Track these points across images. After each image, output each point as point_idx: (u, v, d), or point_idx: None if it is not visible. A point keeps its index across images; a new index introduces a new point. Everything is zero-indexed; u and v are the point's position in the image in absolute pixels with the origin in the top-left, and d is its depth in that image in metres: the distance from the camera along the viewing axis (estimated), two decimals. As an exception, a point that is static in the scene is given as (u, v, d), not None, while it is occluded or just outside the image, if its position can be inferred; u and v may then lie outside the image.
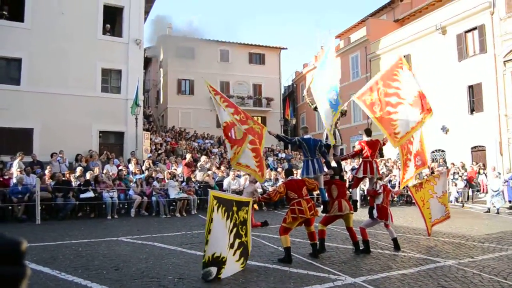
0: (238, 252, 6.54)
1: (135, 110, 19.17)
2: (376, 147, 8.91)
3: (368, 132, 9.51)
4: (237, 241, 6.54)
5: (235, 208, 6.54)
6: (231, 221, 6.38)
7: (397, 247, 8.37)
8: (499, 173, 17.47)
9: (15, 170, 13.55)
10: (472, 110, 22.81)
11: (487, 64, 21.63)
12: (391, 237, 8.53)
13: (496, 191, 15.38)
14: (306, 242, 8.29)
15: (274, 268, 6.77)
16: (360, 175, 8.92)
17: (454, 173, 19.70)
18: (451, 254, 8.00)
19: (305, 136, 8.79)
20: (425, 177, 10.53)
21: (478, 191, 19.79)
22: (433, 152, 25.26)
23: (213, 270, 5.90)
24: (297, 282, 5.99)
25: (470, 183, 19.23)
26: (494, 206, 15.30)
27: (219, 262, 5.97)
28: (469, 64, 22.79)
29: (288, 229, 7.44)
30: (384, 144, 9.29)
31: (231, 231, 6.40)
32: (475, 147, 22.71)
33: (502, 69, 20.84)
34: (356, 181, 9.51)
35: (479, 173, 20.14)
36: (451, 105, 23.52)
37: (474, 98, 22.71)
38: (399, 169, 18.54)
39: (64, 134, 18.80)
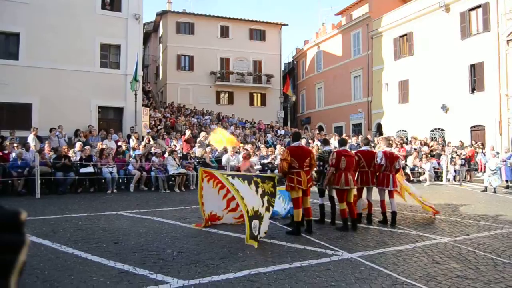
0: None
1: (134, 86, 19.09)
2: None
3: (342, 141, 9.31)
4: (270, 207, 7.37)
5: (258, 179, 7.44)
6: (256, 187, 7.23)
7: (393, 222, 8.49)
8: (498, 153, 17.51)
9: (31, 144, 14.08)
10: (473, 89, 22.72)
11: (490, 43, 21.45)
12: (391, 210, 8.63)
13: (493, 170, 15.43)
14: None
15: (272, 243, 6.85)
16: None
17: (452, 151, 19.75)
18: (446, 232, 8.08)
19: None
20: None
21: (476, 170, 19.86)
22: (432, 131, 25.29)
23: (256, 223, 6.71)
24: (294, 256, 6.07)
25: (468, 162, 19.29)
26: (491, 185, 15.38)
27: (258, 216, 6.82)
28: (472, 43, 22.60)
29: (297, 200, 7.44)
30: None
31: (263, 195, 7.25)
32: (474, 126, 22.71)
33: (505, 48, 20.66)
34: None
35: (477, 152, 20.18)
36: (452, 84, 23.44)
37: (476, 77, 22.60)
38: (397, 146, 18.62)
39: (63, 109, 18.78)
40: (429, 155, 19.41)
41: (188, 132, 17.98)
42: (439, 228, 8.48)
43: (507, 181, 16.47)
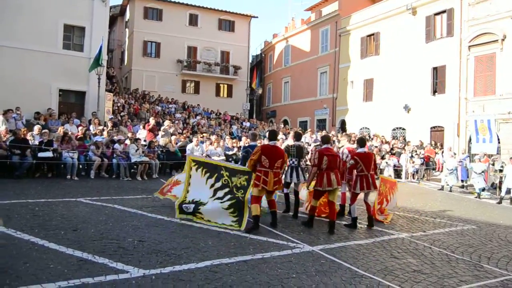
0: (228, 204, 7.38)
1: (95, 68, 18.50)
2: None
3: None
4: (228, 196, 7.45)
5: (225, 173, 7.59)
6: (216, 180, 7.61)
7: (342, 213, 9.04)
8: (455, 153, 18.19)
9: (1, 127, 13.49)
10: (434, 91, 23.42)
11: (453, 48, 22.11)
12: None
13: (450, 170, 16.00)
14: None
15: (234, 234, 6.85)
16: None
17: (412, 151, 20.32)
18: (404, 228, 8.33)
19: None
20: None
21: (433, 169, 20.52)
22: (394, 129, 25.91)
23: (191, 206, 7.51)
24: (256, 248, 6.11)
25: (426, 161, 19.90)
26: (448, 184, 15.95)
27: (198, 204, 7.53)
28: (436, 46, 23.24)
29: (257, 197, 7.25)
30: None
31: (214, 186, 7.60)
32: (434, 127, 23.45)
33: (466, 53, 21.37)
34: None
35: (437, 152, 20.84)
36: (415, 85, 24.07)
37: (438, 80, 23.30)
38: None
39: (21, 91, 18.03)
40: (390, 153, 19.91)
41: (152, 120, 17.69)
42: (397, 224, 8.72)
43: (462, 181, 17.13)
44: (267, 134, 7.90)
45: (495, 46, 20.11)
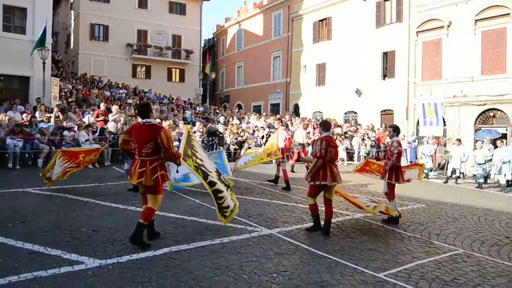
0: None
1: (35, 51, 17.57)
2: None
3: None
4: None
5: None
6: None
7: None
8: (404, 136, 18.80)
9: None
10: (384, 76, 24.05)
11: (402, 33, 22.75)
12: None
13: (400, 152, 16.54)
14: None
15: (192, 220, 6.79)
16: None
17: (363, 134, 20.84)
18: (358, 209, 8.52)
19: None
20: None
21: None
22: (346, 113, 26.44)
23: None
24: (215, 233, 6.07)
25: (378, 144, 20.48)
26: (397, 166, 16.50)
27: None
28: (385, 32, 23.81)
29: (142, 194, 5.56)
30: None
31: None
32: (384, 110, 24.13)
33: (414, 39, 22.05)
34: None
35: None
36: (366, 69, 24.59)
37: (387, 65, 23.93)
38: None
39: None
40: (342, 136, 20.33)
41: (103, 106, 17.10)
42: (351, 205, 8.87)
43: (411, 162, 17.78)
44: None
45: (442, 32, 20.85)
